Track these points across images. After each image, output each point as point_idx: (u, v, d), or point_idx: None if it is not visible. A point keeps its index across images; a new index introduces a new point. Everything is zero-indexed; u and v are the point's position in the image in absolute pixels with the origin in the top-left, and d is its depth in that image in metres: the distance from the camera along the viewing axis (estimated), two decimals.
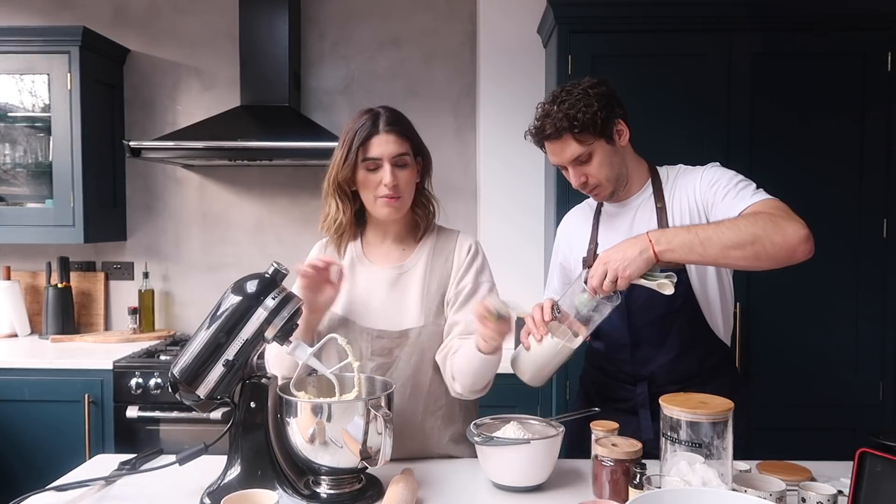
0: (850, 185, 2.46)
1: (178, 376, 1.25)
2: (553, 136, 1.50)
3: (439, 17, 3.12)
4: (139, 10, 3.15)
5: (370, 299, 1.54)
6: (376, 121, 1.46)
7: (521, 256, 2.86)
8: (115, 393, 2.53)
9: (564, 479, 1.38)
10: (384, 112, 1.49)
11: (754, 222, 1.31)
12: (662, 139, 2.44)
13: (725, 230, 1.31)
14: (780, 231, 1.30)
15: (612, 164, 1.53)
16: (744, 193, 1.45)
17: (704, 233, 1.32)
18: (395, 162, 1.46)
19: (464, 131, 3.13)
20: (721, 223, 1.34)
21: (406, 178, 1.48)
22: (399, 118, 1.50)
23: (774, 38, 2.44)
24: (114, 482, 1.38)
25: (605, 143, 1.51)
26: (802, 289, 2.45)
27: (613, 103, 1.51)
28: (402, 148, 1.47)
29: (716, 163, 1.59)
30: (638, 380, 1.59)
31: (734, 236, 1.30)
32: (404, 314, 1.52)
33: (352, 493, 1.29)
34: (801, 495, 1.21)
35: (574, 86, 1.51)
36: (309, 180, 3.15)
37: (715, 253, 1.31)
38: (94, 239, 2.92)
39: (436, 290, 1.53)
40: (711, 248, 1.31)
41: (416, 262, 1.56)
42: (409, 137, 1.50)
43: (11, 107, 2.94)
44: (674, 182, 1.58)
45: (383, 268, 1.56)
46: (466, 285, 1.53)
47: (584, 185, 1.55)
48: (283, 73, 2.94)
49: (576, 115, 1.46)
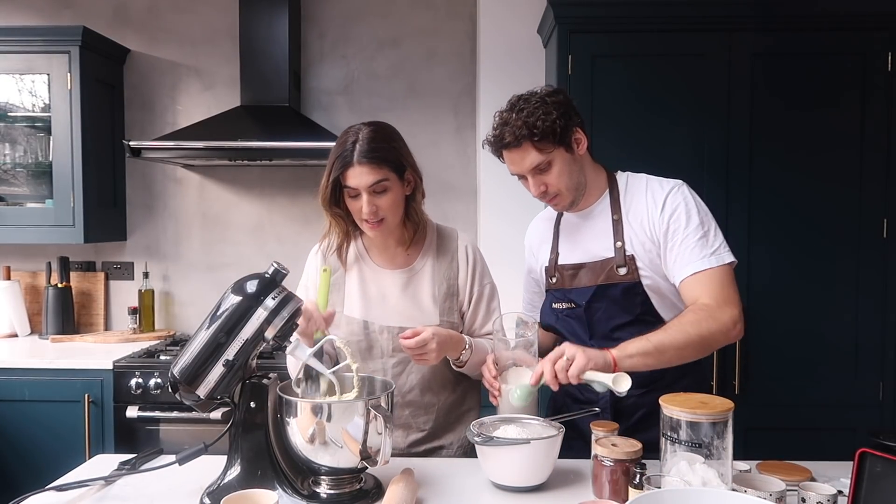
0: (850, 185, 2.45)
1: (178, 376, 1.25)
2: (512, 144, 1.49)
3: (439, 17, 3.12)
4: (139, 10, 3.15)
5: (385, 300, 1.59)
6: (353, 149, 1.46)
7: (521, 256, 2.85)
8: (115, 393, 2.53)
9: (564, 479, 1.38)
10: (362, 138, 1.47)
11: (698, 326, 1.41)
12: (662, 139, 2.45)
13: (678, 344, 1.40)
14: (719, 328, 1.42)
15: (572, 173, 1.53)
16: (695, 252, 1.48)
17: (659, 346, 1.39)
18: (374, 189, 1.47)
19: (464, 131, 3.13)
20: (671, 333, 1.41)
21: (388, 203, 1.50)
22: (377, 143, 1.47)
23: (774, 38, 2.44)
24: (114, 482, 1.38)
25: (565, 152, 1.51)
26: (802, 289, 2.45)
27: (571, 112, 1.51)
28: (378, 175, 1.47)
29: (680, 183, 1.58)
30: None
31: (684, 342, 1.40)
32: (420, 313, 1.58)
33: (352, 493, 1.29)
34: (801, 495, 1.21)
35: (531, 94, 1.51)
36: (309, 180, 3.15)
37: (674, 362, 1.43)
38: (94, 239, 2.92)
39: (446, 289, 1.60)
40: (669, 360, 1.41)
41: (424, 265, 1.62)
42: (389, 161, 1.48)
43: (11, 107, 2.94)
44: (633, 195, 1.57)
45: (393, 271, 1.61)
46: (474, 293, 1.63)
47: (544, 194, 1.55)
48: (283, 72, 2.94)
49: (535, 123, 1.46)
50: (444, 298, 1.59)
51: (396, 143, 1.53)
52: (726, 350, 2.44)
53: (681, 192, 1.54)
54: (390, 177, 1.49)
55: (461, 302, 1.62)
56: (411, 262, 1.62)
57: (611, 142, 2.36)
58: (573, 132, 1.51)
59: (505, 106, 1.53)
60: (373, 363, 1.58)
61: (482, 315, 1.64)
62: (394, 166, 1.49)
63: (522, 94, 1.53)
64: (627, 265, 1.52)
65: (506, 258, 2.76)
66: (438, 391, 1.61)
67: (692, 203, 1.53)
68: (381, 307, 1.59)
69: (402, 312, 1.58)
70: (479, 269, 1.64)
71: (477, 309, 1.63)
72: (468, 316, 1.63)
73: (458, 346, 1.53)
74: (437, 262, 1.62)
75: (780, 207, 2.45)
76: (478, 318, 1.64)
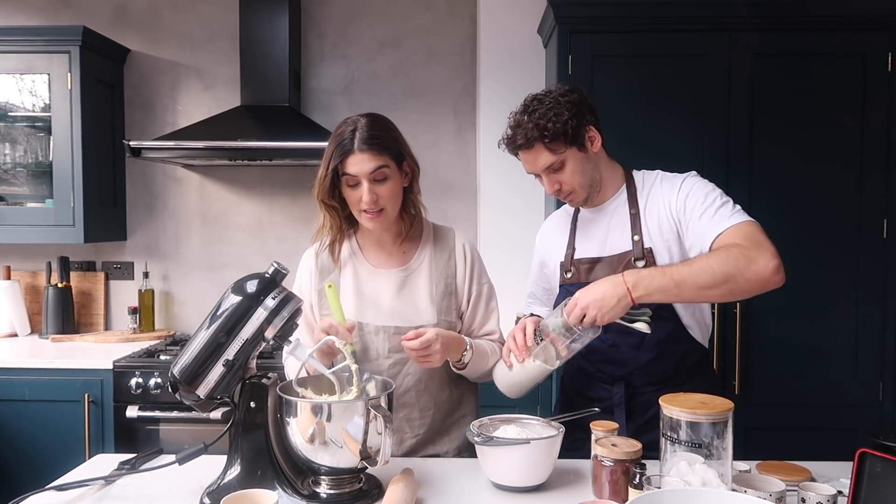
0: (850, 185, 2.46)
1: (178, 376, 1.25)
2: (524, 145, 1.51)
3: (439, 17, 3.12)
4: (139, 10, 3.15)
5: (380, 300, 1.57)
6: (353, 137, 1.45)
7: (521, 256, 2.85)
8: (115, 393, 2.53)
9: (564, 479, 1.38)
10: (361, 126, 1.46)
11: (726, 260, 1.35)
12: (662, 139, 2.45)
13: (700, 271, 1.35)
14: (751, 266, 1.34)
15: (585, 171, 1.55)
16: (719, 215, 1.46)
17: (679, 275, 1.36)
18: (374, 177, 1.46)
19: (464, 131, 3.13)
20: (694, 263, 1.38)
21: (388, 191, 1.49)
22: (377, 131, 1.47)
23: (774, 38, 2.44)
24: (113, 482, 1.38)
25: (577, 151, 1.52)
26: (802, 289, 2.45)
27: (584, 110, 1.52)
28: (379, 161, 1.45)
29: (693, 172, 1.59)
30: (615, 380, 1.60)
31: (709, 277, 1.35)
32: (417, 312, 1.56)
33: (352, 493, 1.29)
34: (800, 495, 1.21)
35: (545, 94, 1.53)
36: (309, 180, 3.07)
37: (691, 294, 1.38)
38: (94, 239, 2.92)
39: (443, 289, 1.58)
40: (687, 290, 1.36)
41: (420, 264, 1.59)
42: (389, 149, 1.48)
43: (12, 106, 2.94)
44: (649, 189, 1.59)
45: (388, 270, 1.58)
46: (473, 292, 1.61)
47: (559, 192, 1.57)
48: (283, 72, 2.94)
49: (546, 125, 1.47)
50: (441, 297, 1.57)
51: (394, 132, 1.52)
52: (726, 350, 2.44)
53: (695, 177, 1.57)
54: (390, 164, 1.48)
55: (460, 301, 1.60)
56: (407, 260, 1.59)
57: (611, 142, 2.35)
58: (586, 131, 1.53)
59: (519, 107, 1.55)
60: (368, 365, 1.55)
61: (481, 315, 1.63)
62: (393, 154, 1.49)
63: (537, 94, 1.54)
64: (646, 258, 1.53)
65: (506, 258, 2.77)
66: (436, 393, 1.58)
67: (709, 184, 1.55)
68: (375, 308, 1.56)
69: (397, 313, 1.56)
70: (477, 268, 1.63)
71: (476, 309, 1.62)
72: (467, 316, 1.62)
73: (460, 347, 1.52)
74: (433, 260, 1.60)
75: (780, 207, 2.45)
76: (476, 318, 1.63)
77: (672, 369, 1.57)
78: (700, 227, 1.48)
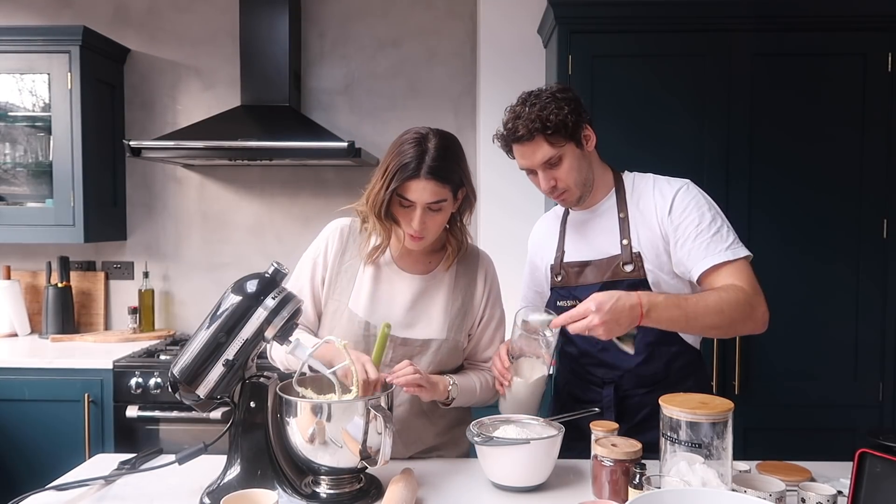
0: (850, 185, 2.45)
1: (178, 376, 1.25)
2: (525, 137, 1.50)
3: (439, 17, 3.12)
4: (139, 10, 3.15)
5: (394, 306, 1.54)
6: (420, 162, 1.38)
7: (521, 256, 2.84)
8: (115, 392, 2.53)
9: (564, 479, 1.38)
10: (431, 150, 1.39)
11: (735, 306, 1.40)
12: (662, 140, 2.45)
13: (712, 312, 1.38)
14: (752, 315, 1.43)
15: (581, 169, 1.54)
16: (714, 244, 1.48)
17: (694, 311, 1.38)
18: (430, 207, 1.42)
19: (464, 131, 3.12)
20: (708, 301, 1.39)
21: (437, 221, 1.46)
22: (445, 159, 1.40)
23: (774, 38, 2.44)
24: (113, 482, 1.38)
25: (575, 147, 1.52)
26: (802, 289, 2.45)
27: (580, 108, 1.53)
28: (440, 195, 1.41)
29: (687, 183, 1.58)
30: (605, 383, 1.60)
31: (717, 319, 1.39)
32: (427, 325, 1.54)
33: (352, 493, 1.29)
34: (800, 496, 1.21)
35: (541, 91, 1.53)
36: (309, 180, 3.15)
37: (695, 329, 1.46)
38: (94, 238, 2.92)
39: (460, 307, 1.56)
40: (695, 326, 1.41)
41: (443, 277, 1.57)
42: (451, 180, 1.42)
43: (11, 106, 2.94)
44: (640, 193, 1.58)
45: (411, 275, 1.56)
46: (485, 316, 1.60)
47: (553, 189, 1.55)
48: (283, 72, 2.94)
49: (548, 117, 1.47)
50: (456, 314, 1.55)
51: (462, 161, 1.47)
52: (726, 350, 2.44)
53: (689, 191, 1.55)
54: (448, 197, 1.43)
55: (472, 322, 1.58)
56: (432, 269, 1.57)
57: (611, 142, 2.35)
58: (583, 128, 1.53)
59: (515, 101, 1.54)
60: None
61: (486, 339, 1.61)
62: (455, 186, 1.44)
63: (532, 91, 1.54)
64: (634, 262, 1.53)
65: (506, 258, 2.75)
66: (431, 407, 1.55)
67: (702, 200, 1.54)
68: (387, 310, 1.52)
69: (407, 323, 1.52)
70: (493, 294, 1.61)
71: (484, 332, 1.60)
72: (474, 338, 1.60)
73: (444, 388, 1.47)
74: (457, 276, 1.58)
75: (780, 208, 2.45)
76: (481, 342, 1.61)
77: (662, 371, 1.57)
78: (692, 251, 1.49)
